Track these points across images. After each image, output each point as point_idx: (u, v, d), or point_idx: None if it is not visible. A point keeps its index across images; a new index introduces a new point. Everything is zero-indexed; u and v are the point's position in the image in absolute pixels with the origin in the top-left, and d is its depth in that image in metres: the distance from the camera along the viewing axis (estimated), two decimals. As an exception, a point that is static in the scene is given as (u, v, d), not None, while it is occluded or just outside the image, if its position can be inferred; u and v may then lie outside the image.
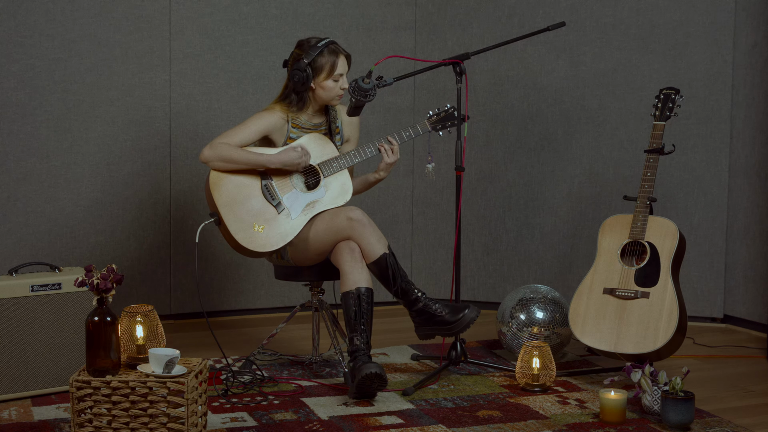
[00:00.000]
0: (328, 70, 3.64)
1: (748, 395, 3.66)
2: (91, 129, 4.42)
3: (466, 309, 3.62)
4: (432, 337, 3.68)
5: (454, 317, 3.62)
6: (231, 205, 3.60)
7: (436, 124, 3.81)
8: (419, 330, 3.68)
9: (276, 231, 3.61)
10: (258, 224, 3.59)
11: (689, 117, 4.64)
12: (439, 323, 3.63)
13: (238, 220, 3.59)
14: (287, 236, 3.62)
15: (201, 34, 4.58)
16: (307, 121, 3.73)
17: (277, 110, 3.69)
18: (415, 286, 3.66)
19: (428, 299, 3.64)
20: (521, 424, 3.26)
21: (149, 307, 3.10)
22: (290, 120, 3.69)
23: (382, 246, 3.60)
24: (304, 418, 3.28)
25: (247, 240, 3.58)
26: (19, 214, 4.31)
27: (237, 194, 3.61)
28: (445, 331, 3.63)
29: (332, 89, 3.67)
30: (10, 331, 3.37)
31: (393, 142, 3.74)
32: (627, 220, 3.82)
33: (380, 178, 3.82)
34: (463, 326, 3.62)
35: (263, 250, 3.59)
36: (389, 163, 3.75)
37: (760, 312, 4.54)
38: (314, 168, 3.70)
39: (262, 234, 3.59)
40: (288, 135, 3.69)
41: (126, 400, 2.86)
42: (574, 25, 4.76)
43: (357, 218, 3.58)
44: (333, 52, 3.66)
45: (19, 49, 4.25)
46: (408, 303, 3.65)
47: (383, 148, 3.73)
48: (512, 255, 4.96)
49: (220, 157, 3.59)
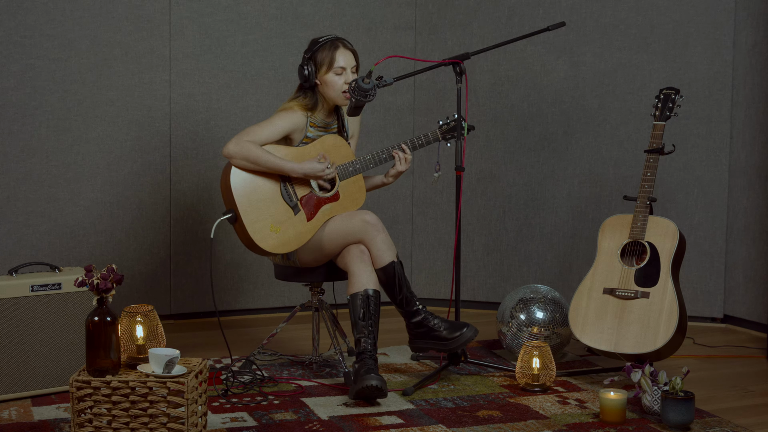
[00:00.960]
0: (327, 63, 3.64)
1: (748, 395, 3.66)
2: (91, 129, 4.42)
3: (464, 328, 3.62)
4: (426, 352, 3.69)
5: (451, 334, 3.62)
6: (249, 203, 3.59)
7: (446, 133, 3.85)
8: (414, 342, 3.69)
9: (291, 233, 3.62)
10: (275, 225, 3.60)
11: (689, 117, 4.64)
12: (435, 338, 3.63)
13: (256, 220, 3.59)
14: (302, 239, 3.63)
15: (201, 34, 4.58)
16: (322, 120, 3.74)
17: (297, 109, 3.68)
18: (417, 298, 3.67)
19: (428, 313, 3.66)
20: (521, 424, 3.26)
21: (149, 307, 3.09)
22: (309, 118, 3.69)
23: (391, 254, 3.61)
24: (304, 418, 3.28)
25: (263, 240, 3.58)
26: (19, 214, 4.31)
27: (256, 193, 3.61)
28: (441, 347, 3.64)
29: (335, 83, 3.65)
30: (10, 331, 3.37)
31: (406, 150, 3.76)
32: (627, 220, 3.82)
33: (387, 183, 3.86)
34: (459, 344, 3.62)
35: (277, 251, 3.60)
36: (400, 170, 3.78)
37: (760, 312, 4.54)
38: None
39: (278, 235, 3.60)
40: (305, 134, 3.69)
41: (126, 400, 2.86)
42: (574, 25, 4.76)
43: (372, 222, 3.59)
44: (333, 46, 3.66)
45: (19, 49, 4.25)
46: (408, 314, 3.66)
47: (398, 155, 3.75)
48: (512, 255, 4.96)
49: (246, 156, 3.55)
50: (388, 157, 3.76)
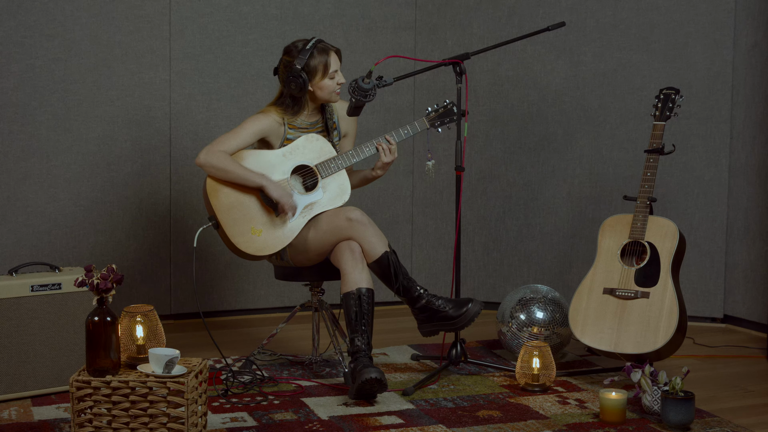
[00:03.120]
0: (322, 71, 3.64)
1: (748, 395, 3.66)
2: (91, 129, 4.42)
3: (470, 303, 3.60)
4: (436, 334, 3.65)
5: (457, 312, 3.60)
6: (229, 209, 3.58)
7: (435, 120, 3.80)
8: (422, 327, 3.66)
9: (274, 234, 3.60)
10: (256, 227, 3.58)
11: (689, 117, 4.64)
12: (442, 319, 3.61)
13: (236, 224, 3.57)
14: (285, 239, 3.61)
15: (201, 34, 4.58)
16: (304, 121, 3.73)
17: (272, 113, 3.68)
18: (417, 283, 3.65)
19: (430, 295, 3.63)
20: (521, 424, 3.26)
21: (149, 307, 3.09)
22: (286, 122, 3.69)
23: (382, 245, 3.60)
24: (304, 418, 3.28)
25: (245, 244, 3.57)
26: (19, 214, 4.31)
27: (235, 198, 3.59)
28: (450, 327, 3.61)
29: (329, 87, 3.67)
30: (10, 331, 3.37)
31: (391, 141, 3.74)
32: (627, 220, 3.82)
33: (377, 176, 3.82)
34: (467, 320, 3.60)
35: (261, 253, 3.58)
36: (386, 162, 3.74)
37: (760, 312, 4.54)
38: (312, 169, 3.69)
39: (260, 238, 3.58)
40: (285, 137, 3.68)
41: (126, 400, 2.86)
42: (574, 25, 4.76)
43: (356, 218, 3.58)
44: (323, 51, 3.65)
45: (19, 49, 4.25)
46: (410, 300, 3.64)
47: (381, 147, 3.72)
48: (512, 255, 4.96)
49: (214, 165, 3.56)
50: (372, 150, 3.71)
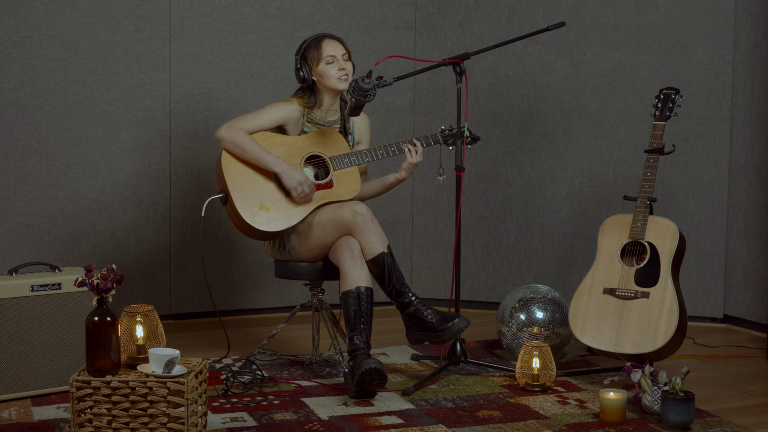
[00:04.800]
0: (317, 56, 3.72)
1: (748, 395, 3.66)
2: (91, 129, 4.42)
3: (456, 319, 3.60)
4: (421, 342, 3.68)
5: (442, 325, 3.61)
6: (241, 184, 3.67)
7: (448, 138, 3.90)
8: (410, 334, 3.68)
9: (281, 213, 3.67)
10: (264, 204, 3.63)
11: (689, 117, 4.64)
12: (428, 329, 3.62)
13: (246, 198, 3.66)
14: (291, 220, 3.66)
15: (201, 34, 4.58)
16: (322, 118, 3.80)
17: (294, 102, 3.78)
18: (410, 290, 3.65)
19: (420, 304, 3.64)
20: (521, 424, 3.26)
21: (149, 307, 3.09)
22: (306, 114, 3.76)
23: (382, 244, 3.61)
24: (304, 418, 3.28)
25: (251, 217, 3.63)
26: (19, 214, 4.31)
27: (248, 175, 3.69)
28: (433, 338, 3.63)
29: (329, 72, 3.72)
30: (10, 331, 3.37)
31: (417, 144, 3.80)
32: (627, 220, 3.82)
33: (401, 178, 3.88)
34: (450, 335, 3.60)
35: (266, 229, 3.63)
36: (413, 163, 3.81)
37: (760, 312, 4.54)
38: (325, 161, 3.74)
39: (267, 214, 3.65)
40: (302, 129, 3.76)
41: (126, 400, 2.86)
42: (574, 25, 4.76)
43: (361, 212, 3.60)
44: (318, 40, 3.75)
45: (19, 49, 4.25)
46: (400, 305, 3.66)
47: (407, 147, 3.80)
48: (512, 255, 4.96)
49: (233, 141, 3.68)
50: (384, 154, 3.78)
